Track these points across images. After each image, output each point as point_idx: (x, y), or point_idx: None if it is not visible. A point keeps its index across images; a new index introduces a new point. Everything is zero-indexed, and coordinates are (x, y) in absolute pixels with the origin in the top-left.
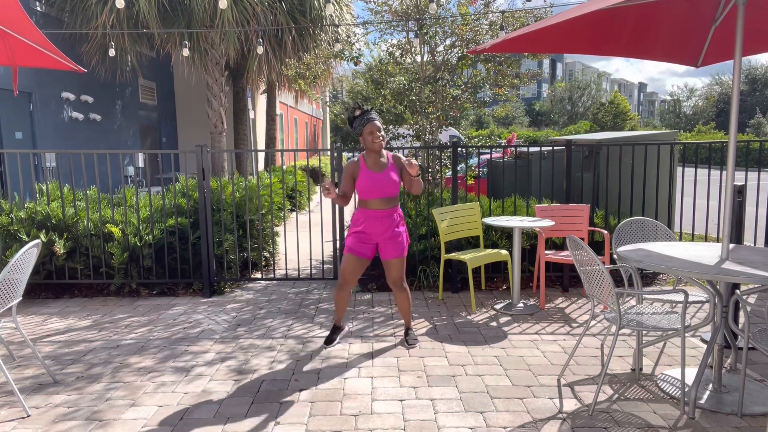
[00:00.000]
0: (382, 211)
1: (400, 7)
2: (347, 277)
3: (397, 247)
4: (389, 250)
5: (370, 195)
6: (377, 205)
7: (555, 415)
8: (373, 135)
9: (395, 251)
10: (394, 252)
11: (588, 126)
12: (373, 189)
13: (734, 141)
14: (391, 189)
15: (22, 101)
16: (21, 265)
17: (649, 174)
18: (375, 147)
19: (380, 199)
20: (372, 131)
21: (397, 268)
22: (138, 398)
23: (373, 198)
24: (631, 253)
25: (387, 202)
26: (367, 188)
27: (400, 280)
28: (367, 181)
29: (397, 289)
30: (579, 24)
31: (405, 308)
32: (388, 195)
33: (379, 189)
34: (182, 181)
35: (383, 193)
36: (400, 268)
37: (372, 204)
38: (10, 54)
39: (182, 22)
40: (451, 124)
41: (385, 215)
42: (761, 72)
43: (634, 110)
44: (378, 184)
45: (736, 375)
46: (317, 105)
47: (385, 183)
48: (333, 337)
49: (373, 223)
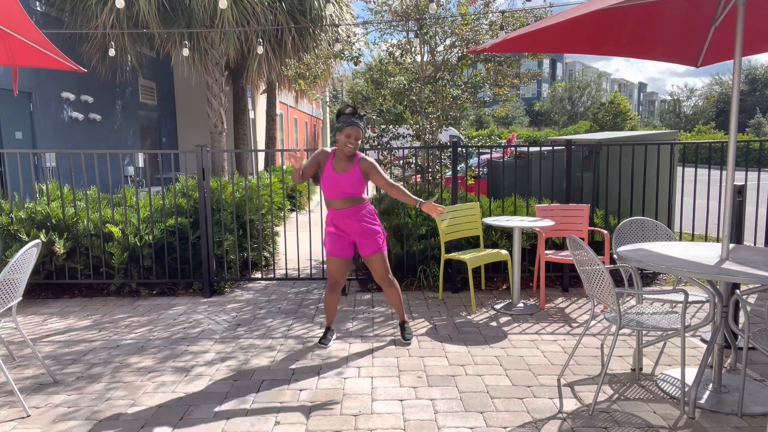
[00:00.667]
0: (345, 209)
1: (400, 7)
2: (337, 280)
3: (373, 243)
4: (366, 247)
5: (330, 195)
6: (338, 204)
7: (555, 415)
8: (348, 138)
9: (372, 247)
10: (371, 248)
11: (588, 126)
12: (333, 189)
13: (734, 141)
14: (350, 190)
15: (22, 101)
16: (21, 265)
17: (649, 174)
18: (345, 150)
19: (340, 199)
20: (349, 134)
21: (379, 264)
22: (138, 398)
23: (333, 198)
24: (631, 253)
25: (348, 201)
26: (328, 187)
27: (386, 276)
28: (328, 180)
29: (384, 285)
30: (579, 24)
31: (396, 302)
32: (347, 195)
33: (338, 189)
34: (182, 181)
35: (343, 193)
36: (383, 263)
37: (334, 204)
38: (10, 54)
39: (182, 22)
40: (451, 124)
41: (349, 213)
42: (761, 72)
43: (634, 110)
44: (338, 184)
45: (736, 375)
46: (317, 105)
47: (345, 184)
48: (328, 336)
49: (341, 221)
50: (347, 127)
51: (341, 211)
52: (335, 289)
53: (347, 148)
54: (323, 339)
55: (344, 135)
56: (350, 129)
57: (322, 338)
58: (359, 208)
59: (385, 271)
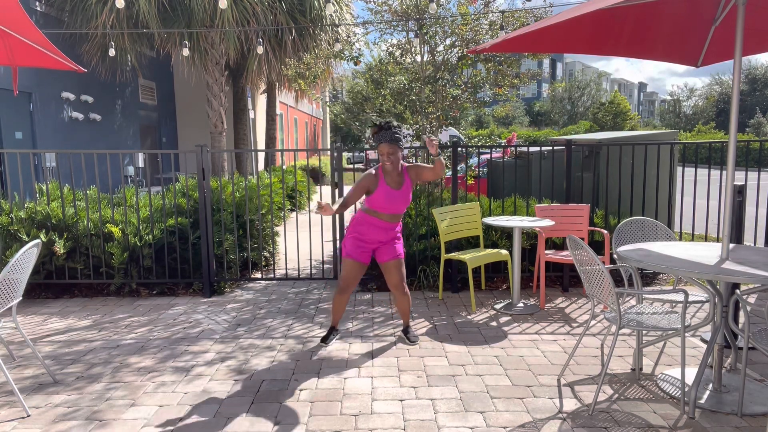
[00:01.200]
0: (389, 224)
1: (400, 7)
2: (349, 283)
3: (394, 249)
4: (386, 252)
5: (384, 209)
6: (387, 218)
7: (555, 414)
8: (383, 156)
9: (392, 253)
10: (390, 253)
11: (588, 126)
12: (389, 205)
13: (734, 141)
14: (403, 206)
15: (22, 101)
16: (21, 265)
17: (649, 174)
18: (386, 168)
19: (392, 214)
20: (383, 152)
21: (396, 270)
22: (138, 398)
23: (388, 212)
24: (631, 253)
25: (396, 217)
26: (384, 203)
27: (402, 283)
28: (385, 196)
29: (398, 293)
30: (579, 24)
31: (405, 310)
32: (400, 212)
33: (394, 206)
34: (182, 181)
35: (397, 209)
36: (399, 270)
37: (382, 216)
38: (10, 54)
39: (182, 22)
40: (451, 124)
41: (390, 227)
42: (761, 72)
43: (634, 110)
44: (395, 201)
45: (736, 375)
46: (317, 105)
47: (402, 200)
48: (329, 336)
49: (376, 232)
50: (379, 145)
51: (388, 225)
52: (346, 291)
53: (386, 165)
54: (326, 338)
55: (380, 153)
56: (382, 147)
57: (326, 337)
58: (400, 223)
59: (400, 278)
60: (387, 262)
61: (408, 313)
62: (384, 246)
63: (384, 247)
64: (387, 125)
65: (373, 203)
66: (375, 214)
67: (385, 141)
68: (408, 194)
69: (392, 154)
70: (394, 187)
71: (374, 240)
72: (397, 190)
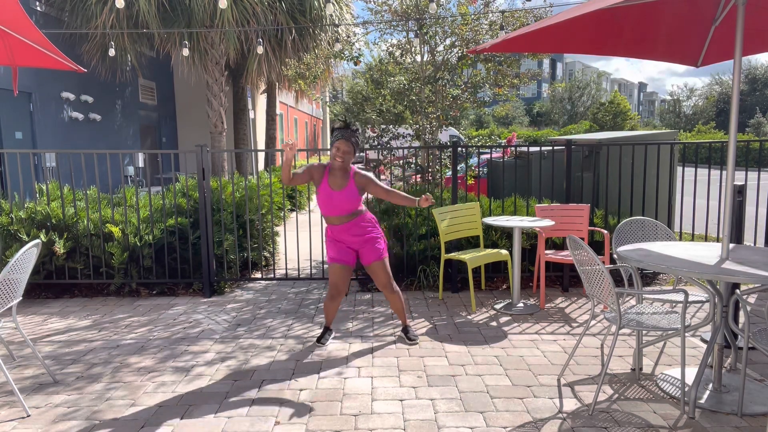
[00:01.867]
0: (343, 225)
1: (400, 7)
2: (338, 287)
3: (374, 251)
4: (367, 255)
5: (327, 212)
6: (336, 221)
7: (555, 414)
8: (337, 151)
9: (373, 254)
10: (372, 255)
11: (588, 125)
12: (329, 206)
13: (734, 141)
14: (347, 206)
15: (22, 101)
16: (21, 265)
17: (649, 174)
18: (334, 164)
19: (338, 216)
20: (338, 147)
21: (381, 271)
22: (138, 398)
23: (331, 215)
24: (631, 253)
25: (346, 217)
26: (325, 205)
27: (389, 283)
28: (325, 197)
29: (387, 292)
30: (579, 24)
31: (399, 308)
32: (345, 212)
33: (335, 207)
34: (182, 181)
35: (340, 210)
36: (384, 270)
37: (331, 220)
38: (10, 54)
39: (182, 22)
40: (451, 123)
41: (349, 227)
42: (761, 72)
43: (634, 110)
44: (334, 202)
45: (736, 375)
46: (317, 105)
47: (341, 201)
48: (326, 336)
49: (341, 234)
50: (336, 140)
51: (340, 227)
52: (336, 297)
53: (336, 162)
54: (321, 338)
55: (334, 148)
56: (339, 142)
57: (320, 337)
58: (358, 220)
59: (387, 278)
60: (370, 265)
61: (403, 312)
62: (363, 248)
63: (364, 249)
64: (355, 128)
65: (319, 206)
66: (326, 219)
67: (345, 138)
68: (351, 197)
69: (347, 153)
70: (335, 188)
71: (347, 241)
72: (337, 191)
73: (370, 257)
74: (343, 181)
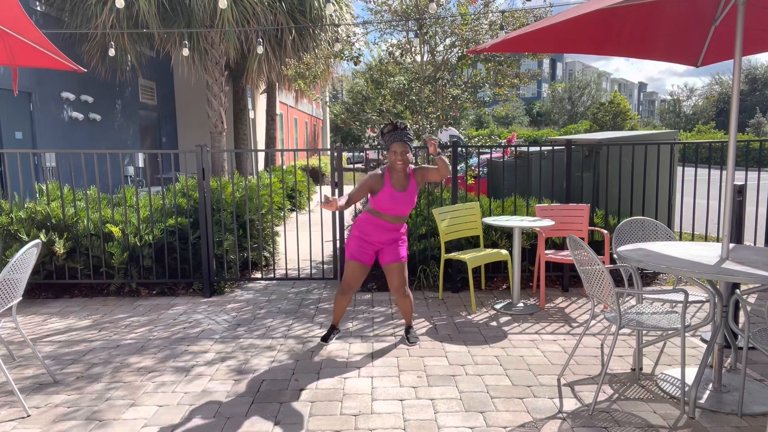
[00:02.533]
0: (392, 225)
1: (400, 7)
2: (352, 284)
3: (397, 251)
4: (388, 254)
5: (387, 210)
6: (391, 219)
7: (555, 414)
8: (396, 155)
9: (394, 254)
10: (393, 255)
11: (588, 125)
12: (393, 207)
13: (734, 141)
14: (407, 209)
15: (22, 101)
16: (21, 265)
17: (649, 174)
18: (396, 167)
19: (396, 216)
20: (396, 150)
21: (398, 272)
22: (138, 398)
23: (390, 214)
24: (631, 253)
25: (400, 219)
26: (388, 205)
27: (403, 286)
28: (390, 199)
29: (399, 296)
30: (579, 24)
31: (408, 311)
32: (404, 214)
33: (398, 208)
34: (182, 181)
35: (401, 212)
36: (401, 272)
37: (386, 217)
38: (10, 54)
39: (182, 22)
40: (451, 123)
41: (393, 228)
42: (761, 72)
43: (634, 110)
44: (399, 203)
45: (736, 375)
46: (317, 105)
47: (406, 203)
48: (329, 335)
49: (380, 233)
50: (393, 143)
51: (391, 226)
52: (348, 292)
53: (398, 165)
54: (327, 337)
55: (392, 152)
56: (396, 146)
57: (326, 336)
58: (404, 225)
59: (402, 280)
60: (389, 264)
61: (410, 314)
62: (387, 247)
63: (387, 249)
64: (402, 125)
65: (377, 204)
66: (379, 215)
67: (399, 140)
68: (413, 197)
69: (405, 153)
70: (399, 189)
71: (378, 241)
72: (401, 192)
73: (391, 257)
74: (405, 182)
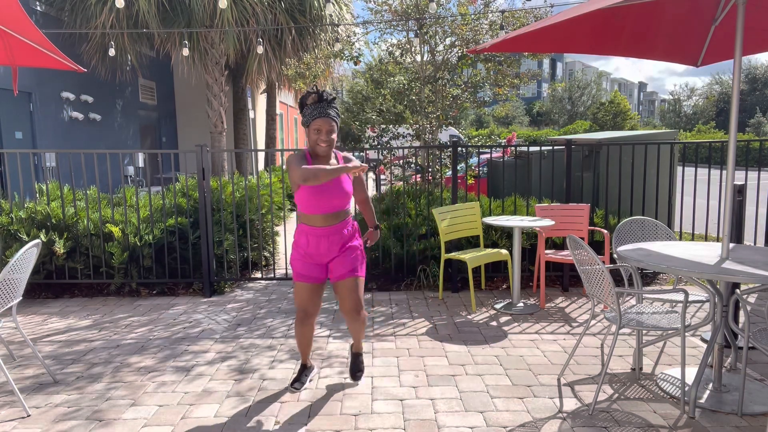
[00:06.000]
0: (327, 228)
1: (400, 7)
2: (307, 309)
3: (346, 260)
4: (336, 267)
5: (311, 209)
6: (320, 221)
7: (555, 414)
8: (319, 134)
9: (343, 266)
10: (342, 268)
11: (588, 125)
12: (315, 202)
13: (734, 140)
14: (338, 201)
15: (22, 101)
16: (21, 265)
17: (649, 174)
18: (317, 150)
19: (325, 214)
20: (319, 128)
21: (349, 290)
22: (138, 398)
23: (315, 213)
24: (631, 253)
25: (334, 217)
26: (308, 200)
27: (357, 309)
28: (313, 191)
29: (351, 316)
30: (579, 23)
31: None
32: (335, 209)
33: (324, 202)
34: (182, 180)
35: (329, 207)
36: (354, 290)
37: (314, 220)
38: (10, 54)
39: (182, 22)
40: (451, 123)
41: (331, 232)
42: (761, 71)
43: (634, 110)
44: (327, 196)
45: (736, 374)
46: None
47: (331, 194)
48: (302, 379)
49: (317, 242)
50: (315, 119)
51: (323, 230)
52: (306, 320)
53: (320, 147)
54: (296, 381)
55: (313, 131)
56: (318, 122)
57: (295, 380)
58: (345, 223)
59: (356, 301)
60: (337, 282)
61: (362, 338)
62: (336, 258)
63: (336, 260)
64: (330, 96)
65: (300, 202)
66: (305, 219)
67: (323, 115)
68: (343, 187)
69: (330, 132)
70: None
71: (320, 253)
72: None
73: (340, 270)
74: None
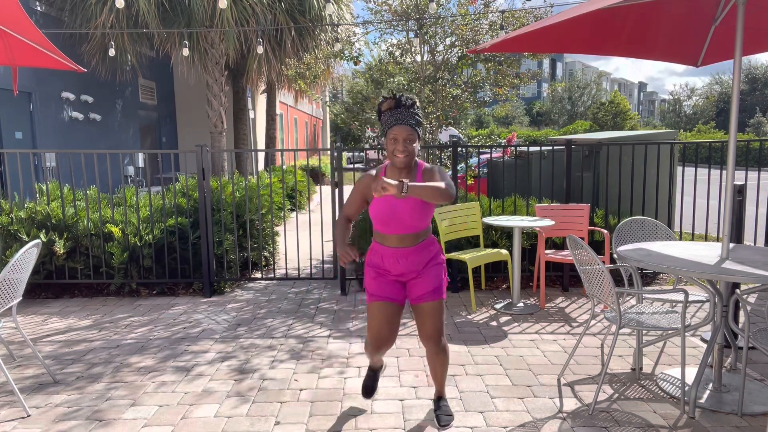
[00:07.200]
0: (403, 249)
1: (400, 7)
2: (383, 337)
3: (431, 280)
4: (416, 287)
5: (385, 228)
6: (395, 242)
7: (555, 414)
8: (396, 144)
9: (424, 287)
10: (421, 288)
11: (588, 125)
12: (389, 220)
13: (734, 140)
14: (415, 221)
15: (22, 101)
16: (21, 265)
17: (649, 174)
18: (395, 162)
19: (400, 235)
20: (396, 138)
21: (431, 314)
22: (138, 398)
23: (390, 233)
24: (631, 253)
25: (412, 239)
26: (382, 218)
27: (438, 334)
28: (383, 208)
29: (432, 346)
30: (579, 24)
31: (438, 372)
32: (411, 230)
33: (398, 221)
34: (182, 180)
35: (404, 227)
36: (437, 314)
37: (389, 240)
38: (10, 54)
39: (182, 22)
40: (451, 123)
41: (408, 253)
42: (761, 71)
43: (634, 110)
44: (397, 213)
45: (736, 374)
46: (317, 105)
47: (406, 213)
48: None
49: (391, 263)
50: (391, 128)
51: (399, 251)
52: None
53: (397, 159)
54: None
55: (390, 140)
56: (396, 130)
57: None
58: (426, 244)
59: (437, 327)
60: (417, 304)
61: (443, 377)
62: (416, 278)
63: (415, 280)
64: (409, 101)
65: (374, 221)
66: (380, 238)
67: (402, 122)
68: (418, 206)
69: (409, 142)
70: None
71: (401, 272)
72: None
73: (420, 290)
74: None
